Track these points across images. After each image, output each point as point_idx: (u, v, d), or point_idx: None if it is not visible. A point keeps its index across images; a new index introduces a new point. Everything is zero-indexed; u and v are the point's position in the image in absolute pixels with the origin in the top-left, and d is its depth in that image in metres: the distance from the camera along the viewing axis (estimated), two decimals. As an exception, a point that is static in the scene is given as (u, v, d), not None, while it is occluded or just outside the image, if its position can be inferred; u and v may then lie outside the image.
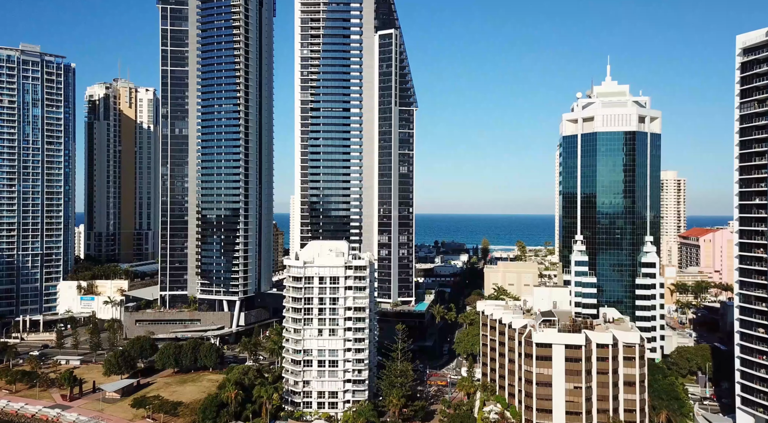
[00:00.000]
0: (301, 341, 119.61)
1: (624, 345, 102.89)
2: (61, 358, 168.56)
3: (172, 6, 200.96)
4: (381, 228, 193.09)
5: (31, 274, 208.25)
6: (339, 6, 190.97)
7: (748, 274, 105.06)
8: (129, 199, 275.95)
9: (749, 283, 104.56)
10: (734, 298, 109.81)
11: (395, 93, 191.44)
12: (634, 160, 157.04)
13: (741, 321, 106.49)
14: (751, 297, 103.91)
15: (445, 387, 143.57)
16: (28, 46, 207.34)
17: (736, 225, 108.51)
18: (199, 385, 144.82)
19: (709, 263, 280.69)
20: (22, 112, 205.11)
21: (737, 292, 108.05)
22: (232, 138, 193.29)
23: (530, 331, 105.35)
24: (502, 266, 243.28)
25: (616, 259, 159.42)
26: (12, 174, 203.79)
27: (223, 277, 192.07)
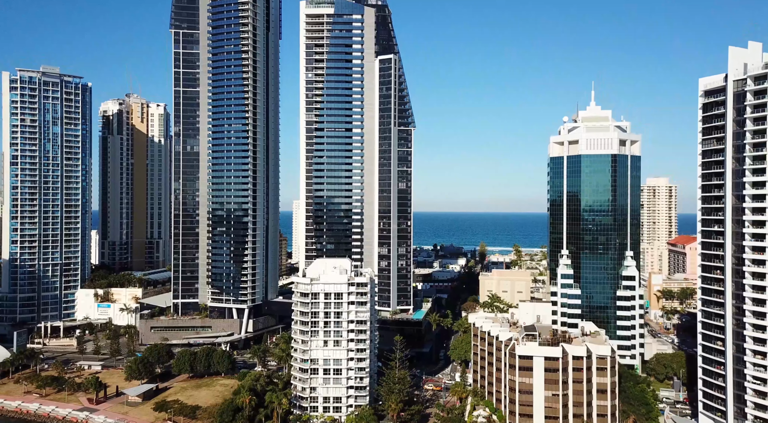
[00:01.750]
0: (308, 351, 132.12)
1: (597, 357, 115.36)
2: (83, 363, 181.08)
3: (184, 31, 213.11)
4: (381, 240, 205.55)
5: (51, 283, 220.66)
6: (341, 32, 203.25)
7: (708, 293, 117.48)
8: (141, 209, 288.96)
9: (709, 301, 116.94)
10: (698, 315, 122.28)
11: (394, 114, 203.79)
12: (616, 180, 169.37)
13: (703, 335, 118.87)
14: (711, 314, 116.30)
15: (439, 391, 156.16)
16: (48, 68, 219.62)
17: (699, 248, 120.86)
18: (213, 390, 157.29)
19: (695, 270, 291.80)
20: (43, 130, 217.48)
21: (700, 309, 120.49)
22: (241, 155, 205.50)
23: (514, 343, 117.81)
24: (497, 274, 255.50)
25: (600, 271, 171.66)
26: (33, 189, 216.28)
27: (232, 287, 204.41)
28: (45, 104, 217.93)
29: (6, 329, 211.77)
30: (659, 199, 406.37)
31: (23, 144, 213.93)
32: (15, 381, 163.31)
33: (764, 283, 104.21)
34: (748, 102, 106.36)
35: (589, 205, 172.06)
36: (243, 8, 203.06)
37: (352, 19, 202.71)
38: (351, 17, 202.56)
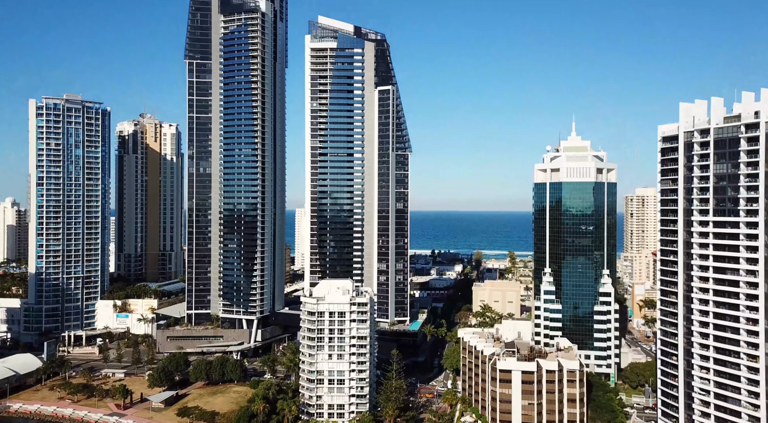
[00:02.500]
0: (315, 363, 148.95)
1: (567, 370, 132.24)
2: (107, 371, 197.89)
3: (197, 61, 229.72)
4: (380, 256, 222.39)
5: (74, 294, 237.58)
6: (344, 65, 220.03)
7: (665, 314, 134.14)
8: (154, 223, 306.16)
9: (666, 321, 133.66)
10: (657, 332, 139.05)
11: (392, 140, 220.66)
12: (593, 205, 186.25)
13: (662, 351, 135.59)
14: (668, 332, 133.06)
15: (432, 398, 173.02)
16: (71, 95, 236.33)
17: (659, 273, 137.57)
18: (227, 396, 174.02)
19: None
20: (66, 153, 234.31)
21: (659, 327, 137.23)
22: (250, 177, 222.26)
23: (496, 359, 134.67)
24: (489, 285, 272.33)
25: (579, 288, 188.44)
26: (58, 207, 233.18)
27: (242, 299, 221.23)
28: (68, 129, 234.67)
29: (33, 338, 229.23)
30: (648, 208, 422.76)
31: (48, 166, 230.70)
32: (49, 388, 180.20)
33: (708, 308, 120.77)
34: (695, 152, 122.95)
35: (569, 227, 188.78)
36: (252, 41, 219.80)
37: (353, 52, 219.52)
38: (352, 51, 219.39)
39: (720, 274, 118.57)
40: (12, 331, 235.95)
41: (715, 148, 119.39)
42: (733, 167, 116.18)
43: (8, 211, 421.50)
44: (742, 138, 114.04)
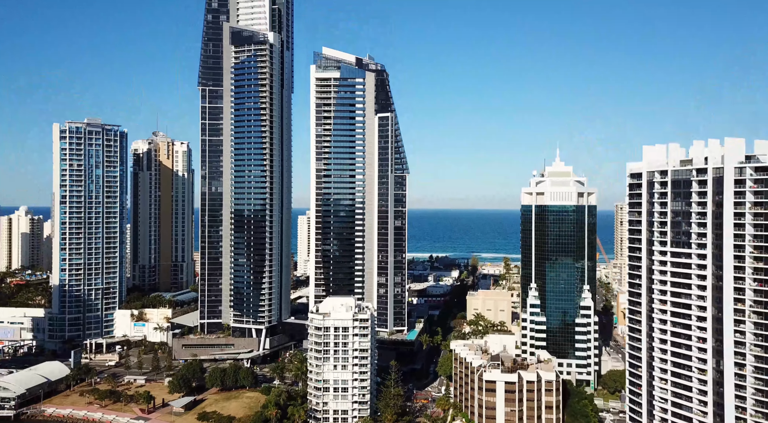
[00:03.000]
0: (321, 373, 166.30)
1: (545, 381, 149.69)
2: (129, 377, 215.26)
3: (210, 88, 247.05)
4: (380, 271, 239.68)
5: (94, 305, 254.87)
6: (346, 93, 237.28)
7: (632, 330, 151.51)
8: (166, 235, 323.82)
9: (633, 337, 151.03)
10: (626, 346, 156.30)
11: (391, 162, 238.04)
12: (575, 226, 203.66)
13: (630, 363, 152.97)
14: (634, 346, 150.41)
15: (427, 403, 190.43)
16: (92, 119, 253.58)
17: (627, 294, 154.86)
18: (241, 401, 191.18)
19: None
20: (87, 174, 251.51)
21: (627, 343, 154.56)
22: (259, 196, 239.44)
23: (482, 370, 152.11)
24: (482, 294, 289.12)
25: (562, 302, 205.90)
26: (79, 224, 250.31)
27: (252, 310, 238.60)
28: (89, 150, 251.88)
29: (56, 345, 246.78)
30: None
31: (71, 186, 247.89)
32: (79, 394, 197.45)
33: (666, 327, 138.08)
34: (656, 189, 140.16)
35: (553, 246, 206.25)
36: (261, 70, 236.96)
37: (355, 82, 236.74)
38: (354, 80, 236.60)
39: (675, 297, 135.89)
40: (37, 338, 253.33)
41: (672, 187, 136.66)
42: (687, 205, 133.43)
43: (22, 220, 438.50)
44: (694, 181, 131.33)
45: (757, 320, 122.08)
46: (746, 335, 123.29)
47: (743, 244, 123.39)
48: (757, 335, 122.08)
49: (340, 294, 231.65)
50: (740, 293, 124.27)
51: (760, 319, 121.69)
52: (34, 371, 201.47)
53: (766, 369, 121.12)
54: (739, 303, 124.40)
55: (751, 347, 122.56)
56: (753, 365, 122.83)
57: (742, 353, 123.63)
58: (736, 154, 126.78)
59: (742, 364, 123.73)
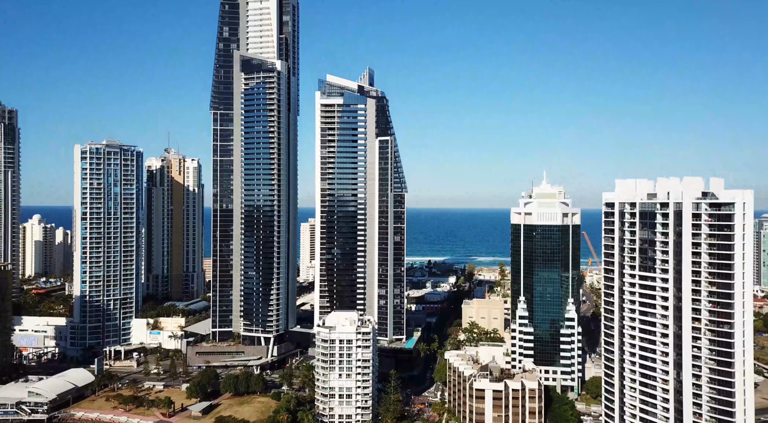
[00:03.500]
0: (328, 381, 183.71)
1: (529, 389, 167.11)
2: (148, 383, 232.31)
3: (221, 112, 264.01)
4: (380, 284, 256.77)
5: (113, 314, 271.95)
6: (349, 118, 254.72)
7: (607, 343, 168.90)
8: (178, 246, 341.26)
9: (607, 349, 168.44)
10: (602, 356, 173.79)
11: (390, 182, 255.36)
12: (560, 244, 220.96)
13: (605, 372, 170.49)
14: (608, 358, 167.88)
15: (424, 408, 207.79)
16: (110, 140, 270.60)
17: (603, 309, 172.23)
18: (253, 406, 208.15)
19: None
20: (106, 191, 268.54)
21: (603, 354, 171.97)
22: (268, 214, 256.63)
23: (473, 380, 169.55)
24: (476, 303, 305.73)
25: (549, 314, 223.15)
26: (99, 238, 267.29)
27: (260, 320, 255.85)
28: (108, 170, 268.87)
29: (78, 352, 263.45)
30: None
31: (91, 203, 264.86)
32: (105, 399, 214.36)
33: (635, 342, 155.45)
34: (626, 219, 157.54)
35: (539, 262, 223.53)
36: (270, 96, 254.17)
37: (357, 108, 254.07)
38: (356, 106, 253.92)
39: (642, 316, 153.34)
40: (60, 346, 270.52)
41: (640, 218, 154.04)
42: (652, 234, 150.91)
43: (35, 228, 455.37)
44: (658, 213, 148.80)
45: (711, 337, 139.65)
46: (702, 350, 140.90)
47: (699, 270, 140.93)
48: (711, 350, 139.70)
49: (343, 305, 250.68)
50: (697, 313, 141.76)
51: (714, 336, 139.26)
52: (62, 378, 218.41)
53: (719, 380, 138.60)
54: (696, 322, 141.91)
55: (707, 360, 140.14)
56: (708, 376, 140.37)
57: (699, 366, 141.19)
58: (693, 191, 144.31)
59: (699, 375, 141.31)
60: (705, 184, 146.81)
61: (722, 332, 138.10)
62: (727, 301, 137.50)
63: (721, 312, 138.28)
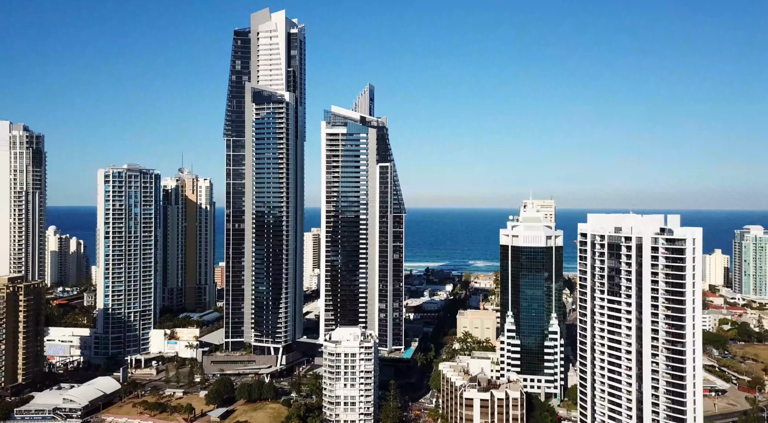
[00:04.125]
0: (334, 390, 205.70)
1: (512, 398, 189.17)
2: (169, 390, 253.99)
3: (234, 139, 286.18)
4: (381, 298, 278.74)
5: (133, 325, 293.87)
6: (352, 146, 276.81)
7: (582, 357, 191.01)
8: (191, 260, 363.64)
9: (582, 363, 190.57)
10: (578, 368, 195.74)
11: (390, 205, 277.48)
12: (544, 264, 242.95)
13: (580, 383, 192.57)
14: (582, 370, 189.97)
15: (420, 414, 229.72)
16: (132, 164, 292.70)
17: (579, 328, 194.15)
18: (266, 412, 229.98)
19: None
20: (127, 212, 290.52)
21: (578, 367, 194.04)
22: (277, 233, 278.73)
23: (462, 390, 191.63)
24: (470, 314, 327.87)
25: (534, 328, 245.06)
26: (120, 256, 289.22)
27: (270, 331, 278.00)
28: (129, 192, 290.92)
29: (101, 361, 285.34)
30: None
31: (114, 223, 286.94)
32: (131, 405, 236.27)
33: (604, 357, 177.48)
34: (597, 249, 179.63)
35: (525, 281, 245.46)
36: (279, 125, 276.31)
37: (359, 136, 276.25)
38: (359, 135, 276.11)
39: (610, 334, 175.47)
40: (84, 354, 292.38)
41: (608, 249, 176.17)
42: (618, 264, 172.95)
43: (51, 239, 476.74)
44: (623, 245, 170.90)
45: (668, 355, 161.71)
46: (659, 365, 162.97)
47: (657, 296, 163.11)
48: (668, 366, 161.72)
49: (346, 317, 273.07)
50: (655, 334, 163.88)
51: (670, 354, 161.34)
52: (92, 385, 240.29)
53: (675, 392, 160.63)
54: (655, 341, 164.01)
55: (664, 375, 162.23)
56: (665, 388, 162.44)
57: (657, 378, 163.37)
58: (653, 227, 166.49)
59: (657, 387, 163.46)
60: (663, 221, 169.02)
61: (676, 350, 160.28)
62: (680, 323, 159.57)
63: (675, 333, 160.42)
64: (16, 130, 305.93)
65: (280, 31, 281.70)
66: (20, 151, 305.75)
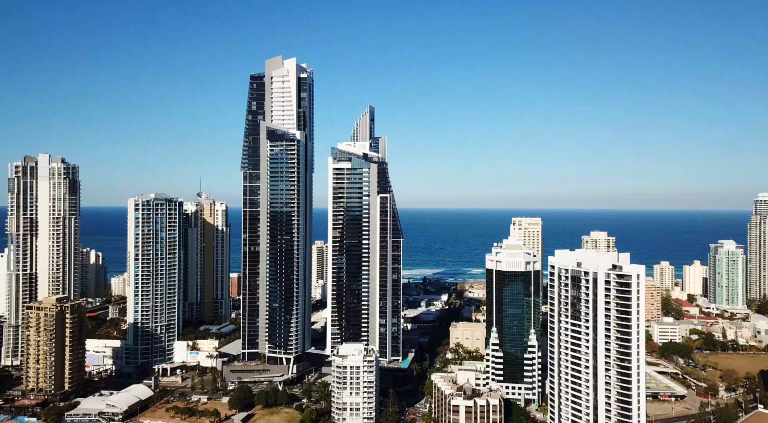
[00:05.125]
0: (341, 397, 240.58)
1: (492, 404, 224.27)
2: (195, 397, 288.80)
3: (250, 171, 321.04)
4: (381, 314, 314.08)
5: (159, 337, 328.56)
6: (355, 179, 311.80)
7: (551, 370, 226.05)
8: (209, 277, 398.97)
9: (551, 375, 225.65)
10: (548, 381, 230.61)
11: (390, 230, 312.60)
12: (523, 286, 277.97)
13: (549, 393, 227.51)
14: (551, 381, 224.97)
15: (415, 418, 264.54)
16: (159, 193, 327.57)
17: (549, 347, 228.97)
18: (281, 416, 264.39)
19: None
20: (154, 237, 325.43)
21: (549, 378, 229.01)
22: (289, 257, 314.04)
23: (450, 398, 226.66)
24: (462, 326, 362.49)
25: (515, 342, 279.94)
26: (148, 276, 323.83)
27: (282, 343, 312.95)
28: (156, 218, 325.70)
29: (131, 370, 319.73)
30: (599, 248, 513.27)
31: (143, 247, 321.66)
32: (164, 410, 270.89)
33: (568, 370, 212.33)
34: (562, 280, 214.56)
35: (507, 301, 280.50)
36: (291, 160, 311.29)
37: (362, 171, 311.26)
38: (362, 170, 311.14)
39: (573, 352, 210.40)
40: (116, 364, 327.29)
41: (571, 281, 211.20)
42: (578, 293, 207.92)
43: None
44: (582, 278, 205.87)
45: (618, 370, 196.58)
46: (611, 378, 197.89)
47: (609, 321, 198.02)
48: (618, 379, 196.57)
49: (350, 331, 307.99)
50: (608, 352, 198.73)
51: (620, 370, 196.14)
52: (129, 392, 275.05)
53: (624, 400, 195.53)
54: (607, 358, 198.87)
55: (615, 386, 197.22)
56: (616, 398, 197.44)
57: (609, 390, 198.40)
58: (606, 263, 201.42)
59: (609, 396, 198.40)
60: (616, 258, 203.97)
61: (624, 366, 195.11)
62: (627, 343, 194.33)
63: (624, 352, 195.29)
64: (54, 162, 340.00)
65: (291, 76, 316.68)
66: (58, 181, 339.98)
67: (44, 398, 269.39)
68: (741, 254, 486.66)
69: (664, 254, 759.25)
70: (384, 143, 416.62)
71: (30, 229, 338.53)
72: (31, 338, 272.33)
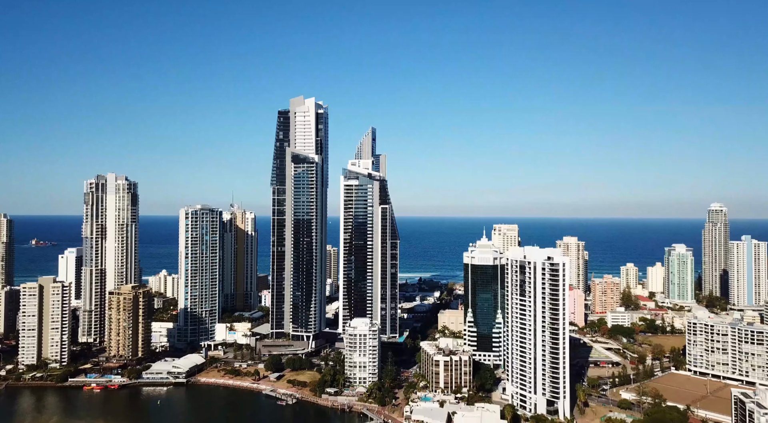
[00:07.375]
0: (352, 358, 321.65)
1: (463, 360, 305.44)
2: (237, 363, 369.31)
3: (278, 187, 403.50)
4: (382, 299, 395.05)
5: (204, 320, 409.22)
6: (362, 194, 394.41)
7: (505, 334, 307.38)
8: (240, 273, 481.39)
9: (505, 337, 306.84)
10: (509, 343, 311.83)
11: (389, 235, 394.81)
12: (492, 276, 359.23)
13: (504, 349, 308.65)
14: (507, 341, 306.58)
15: (408, 377, 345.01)
16: (204, 204, 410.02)
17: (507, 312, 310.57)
18: (306, 375, 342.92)
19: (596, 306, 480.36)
20: (200, 241, 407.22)
21: (503, 332, 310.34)
22: (309, 256, 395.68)
23: (433, 356, 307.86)
24: (448, 313, 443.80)
25: (486, 320, 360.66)
26: (195, 271, 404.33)
27: (303, 323, 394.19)
28: (201, 225, 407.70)
29: (183, 345, 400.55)
30: (571, 253, 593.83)
31: (192, 248, 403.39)
32: (217, 371, 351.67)
33: (516, 332, 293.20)
34: (515, 267, 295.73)
35: (480, 289, 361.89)
36: (311, 178, 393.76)
37: (367, 187, 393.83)
38: (367, 187, 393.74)
39: (520, 320, 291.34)
40: (170, 341, 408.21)
41: (519, 268, 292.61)
42: (524, 278, 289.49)
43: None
44: (526, 267, 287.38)
45: (550, 332, 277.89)
46: (546, 339, 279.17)
47: (545, 298, 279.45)
48: (550, 339, 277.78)
49: (357, 312, 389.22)
50: (543, 320, 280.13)
51: (551, 332, 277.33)
52: (187, 359, 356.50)
53: (553, 354, 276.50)
54: (543, 325, 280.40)
55: (548, 343, 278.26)
56: (549, 354, 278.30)
57: (544, 346, 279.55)
58: (543, 256, 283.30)
59: (545, 353, 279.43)
60: (551, 252, 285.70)
61: (554, 329, 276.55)
62: (556, 313, 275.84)
63: (553, 319, 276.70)
64: (120, 179, 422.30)
65: (311, 112, 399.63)
66: (122, 195, 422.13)
67: (124, 362, 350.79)
68: (690, 256, 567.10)
69: (630, 257, 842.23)
70: (384, 160, 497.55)
71: (100, 233, 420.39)
72: (113, 317, 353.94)
